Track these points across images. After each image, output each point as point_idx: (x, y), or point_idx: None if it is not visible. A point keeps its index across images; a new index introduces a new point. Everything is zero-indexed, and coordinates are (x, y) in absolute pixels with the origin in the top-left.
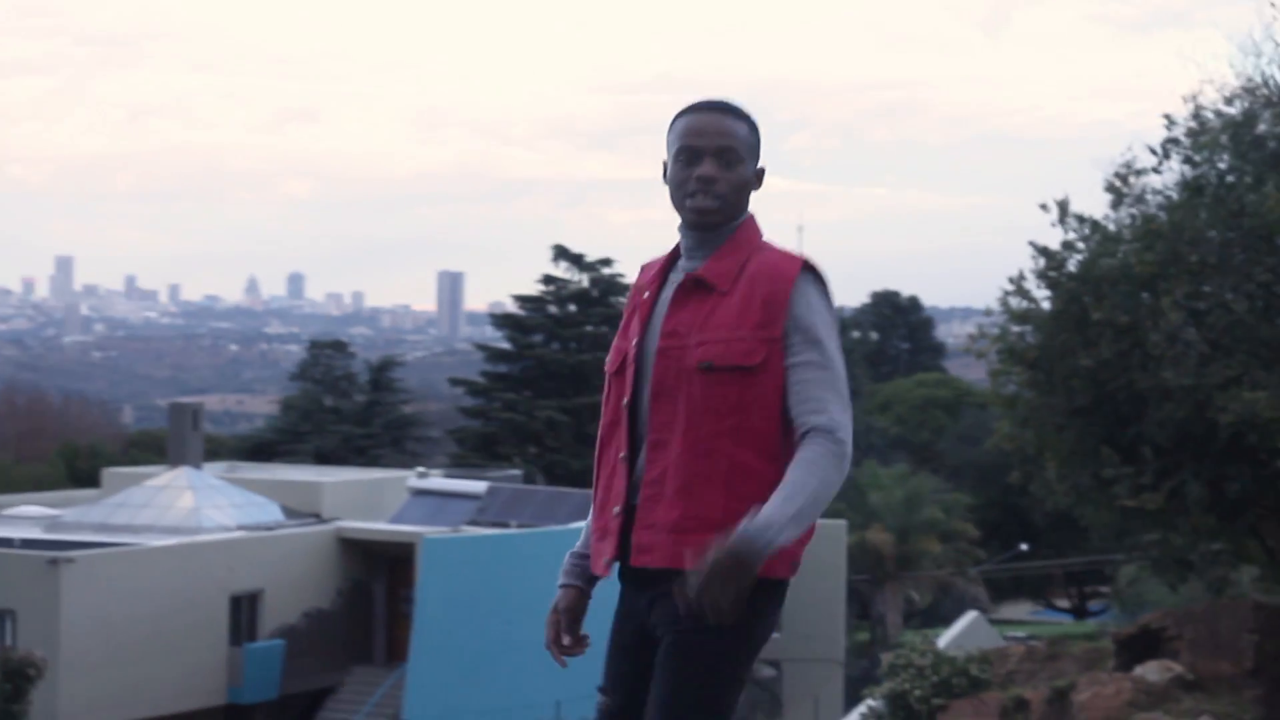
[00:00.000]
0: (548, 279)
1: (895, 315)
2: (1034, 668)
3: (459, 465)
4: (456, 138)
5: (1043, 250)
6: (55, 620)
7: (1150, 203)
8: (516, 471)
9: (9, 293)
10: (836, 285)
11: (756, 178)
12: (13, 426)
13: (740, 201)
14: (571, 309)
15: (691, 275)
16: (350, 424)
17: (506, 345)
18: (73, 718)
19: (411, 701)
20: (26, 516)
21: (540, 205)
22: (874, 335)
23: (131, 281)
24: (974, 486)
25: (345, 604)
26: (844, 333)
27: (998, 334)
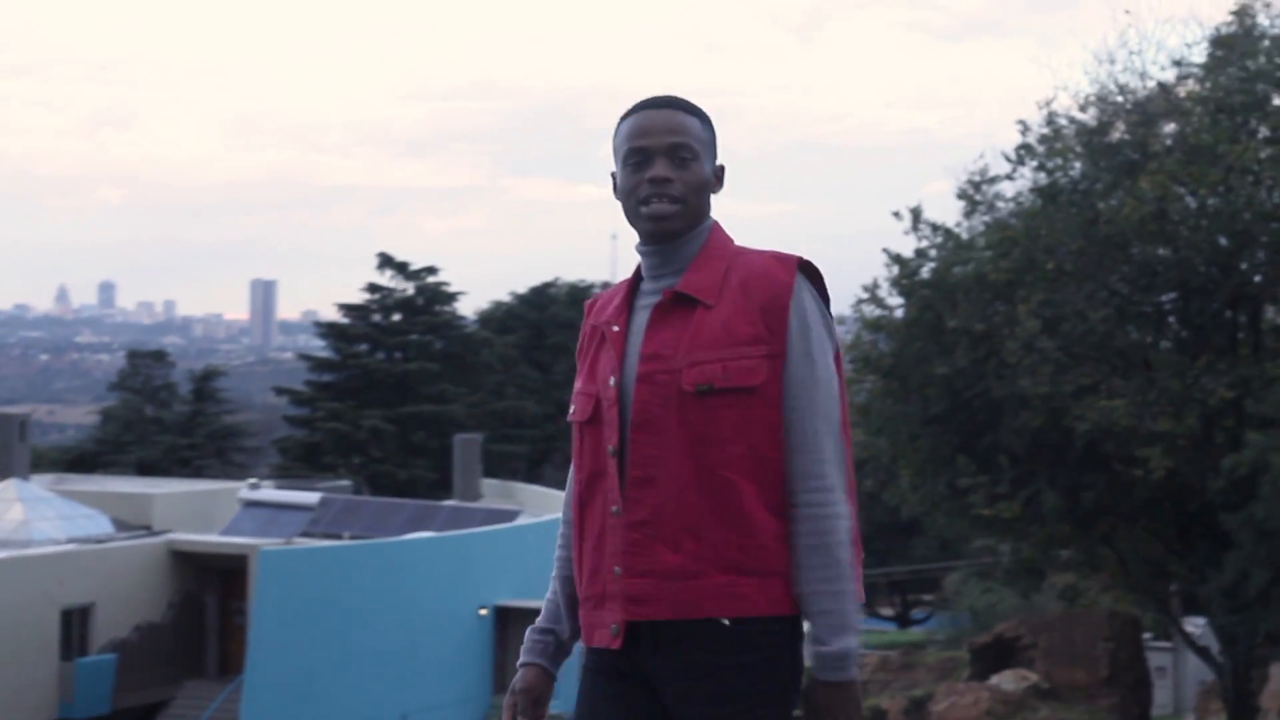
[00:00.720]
0: (373, 287)
1: None
2: (888, 677)
3: (283, 475)
4: (270, 144)
5: (896, 258)
6: None
7: (1002, 210)
8: (347, 482)
9: None
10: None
11: (716, 177)
12: None
13: (701, 204)
14: (396, 317)
15: (671, 291)
16: (173, 434)
17: (330, 354)
18: None
19: (247, 715)
20: None
21: (354, 213)
22: None
23: None
24: None
25: (177, 617)
26: None
27: (851, 341)
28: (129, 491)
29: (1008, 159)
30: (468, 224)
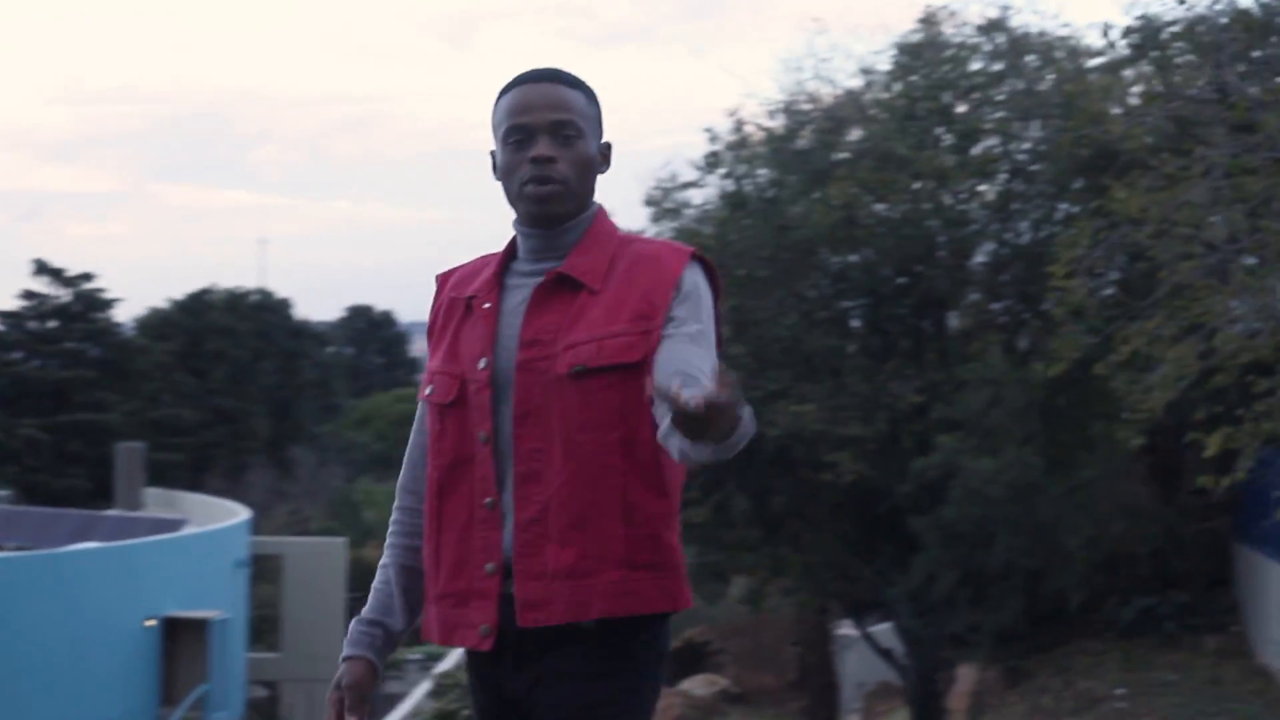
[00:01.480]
0: (28, 294)
1: (370, 330)
2: None
3: None
4: None
5: None
6: None
7: (688, 216)
8: (6, 492)
9: None
10: (306, 301)
11: (602, 156)
12: None
13: (587, 185)
14: (52, 325)
15: (555, 272)
16: None
17: None
18: None
19: None
20: None
21: None
22: (349, 350)
23: None
24: None
25: None
26: (320, 348)
27: None
28: None
29: (696, 166)
30: (115, 230)
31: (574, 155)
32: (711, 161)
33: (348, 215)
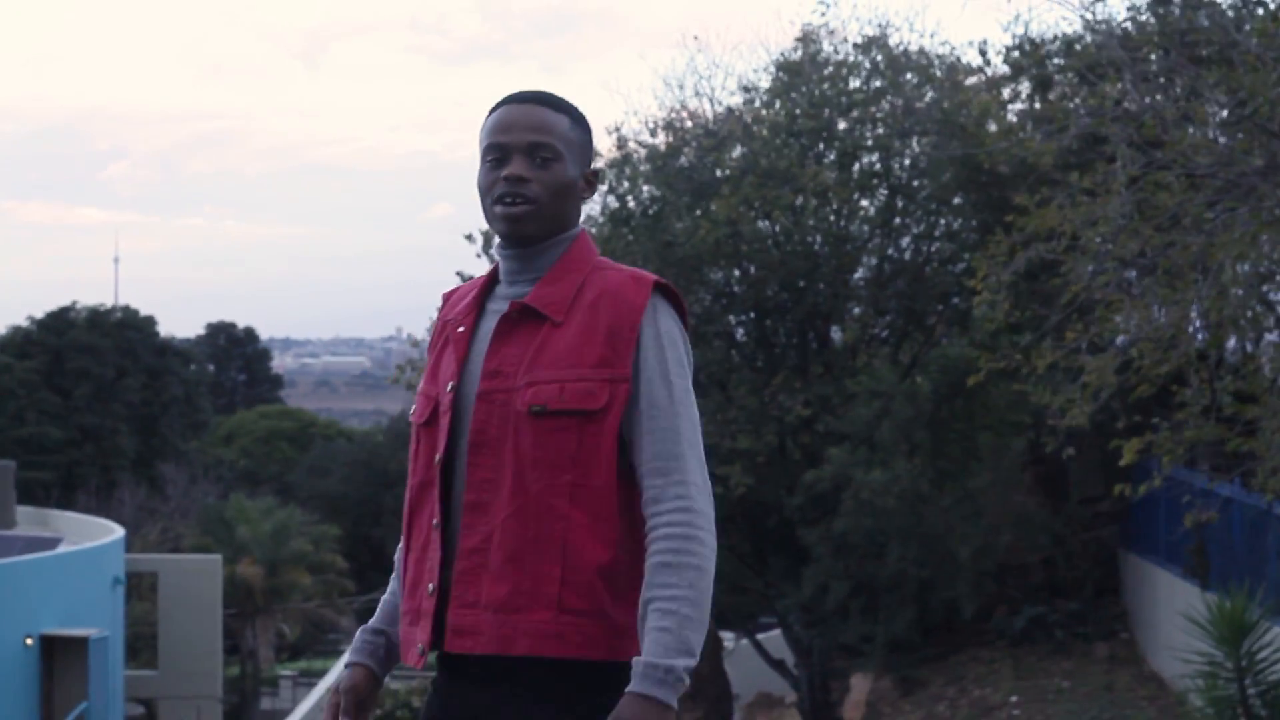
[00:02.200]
0: None
1: (231, 347)
2: None
3: None
4: None
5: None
6: None
7: None
8: None
9: None
10: (165, 318)
11: (586, 182)
12: None
13: (561, 208)
14: None
15: (517, 303)
16: None
17: None
18: None
19: None
20: None
21: None
22: (211, 367)
23: None
24: (326, 518)
25: None
26: (184, 365)
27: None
28: None
29: None
30: None
31: (549, 177)
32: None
33: (202, 232)
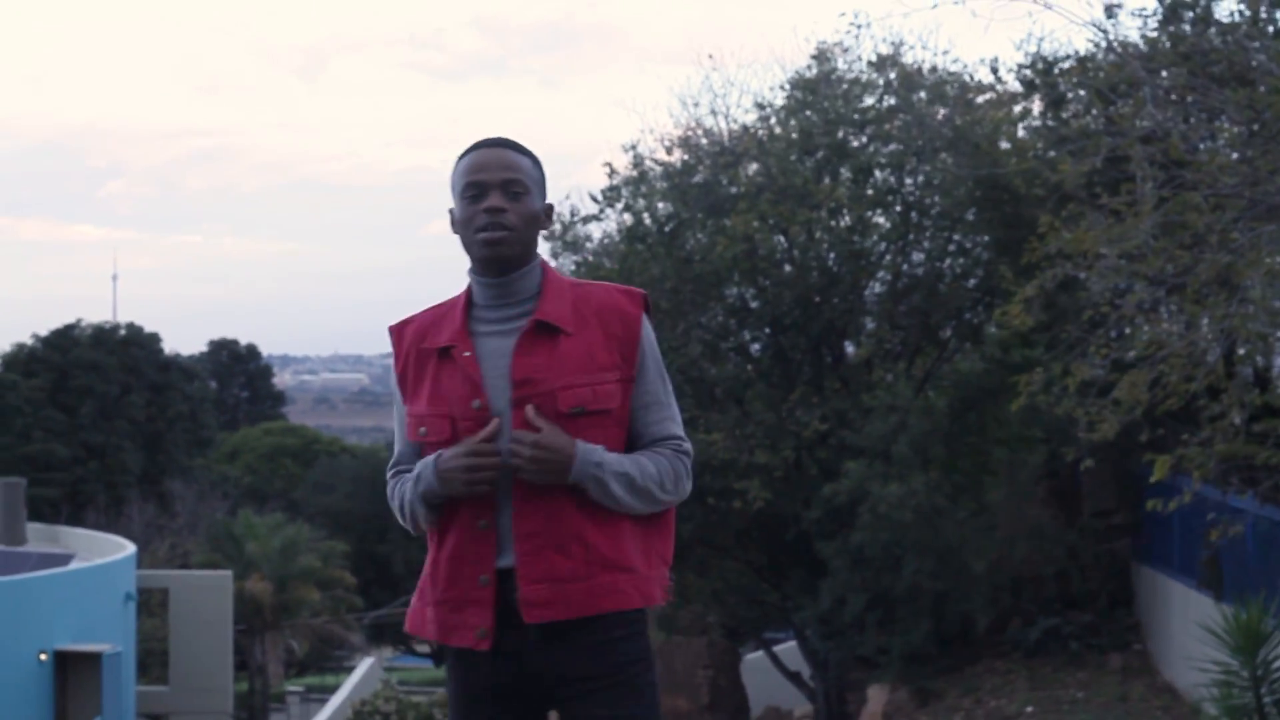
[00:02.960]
0: None
1: (234, 363)
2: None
3: None
4: None
5: None
6: None
7: (589, 249)
8: None
9: None
10: (166, 335)
11: (545, 214)
12: None
13: (532, 235)
14: None
15: (535, 319)
16: None
17: None
18: None
19: None
20: None
21: None
22: (213, 384)
23: None
24: (332, 534)
25: None
26: (188, 382)
27: None
28: None
29: (595, 200)
30: None
31: (521, 208)
32: (610, 196)
33: (200, 249)
